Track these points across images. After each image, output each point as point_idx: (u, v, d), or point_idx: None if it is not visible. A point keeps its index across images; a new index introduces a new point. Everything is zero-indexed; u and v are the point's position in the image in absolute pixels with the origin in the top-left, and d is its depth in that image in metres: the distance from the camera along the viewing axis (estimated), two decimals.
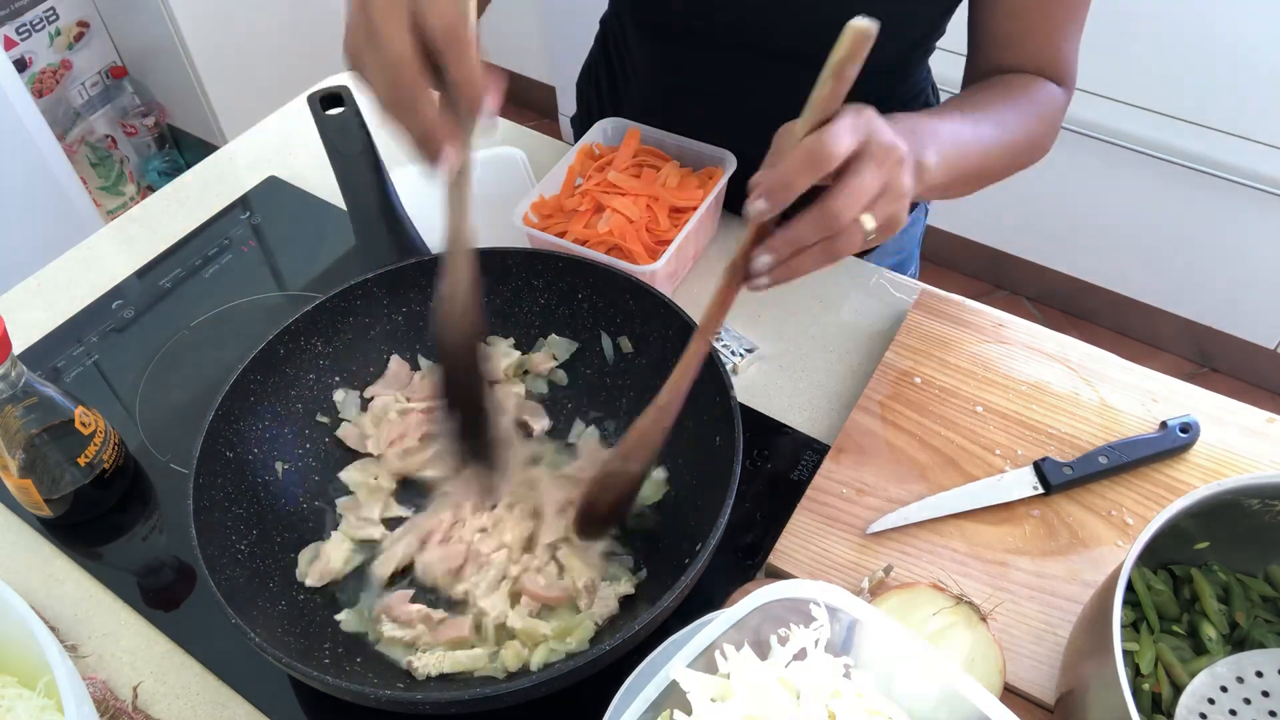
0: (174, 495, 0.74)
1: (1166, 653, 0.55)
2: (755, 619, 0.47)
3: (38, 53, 2.14)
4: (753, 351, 0.81)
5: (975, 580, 0.65)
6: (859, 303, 0.85)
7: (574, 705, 0.59)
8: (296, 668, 0.53)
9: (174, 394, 0.81)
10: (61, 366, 0.83)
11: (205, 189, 0.99)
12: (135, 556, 0.71)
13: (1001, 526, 0.67)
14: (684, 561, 0.56)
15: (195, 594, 0.68)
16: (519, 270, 0.74)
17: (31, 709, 0.53)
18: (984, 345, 0.78)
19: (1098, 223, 1.90)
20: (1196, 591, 0.57)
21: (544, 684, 0.52)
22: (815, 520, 0.68)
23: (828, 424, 0.76)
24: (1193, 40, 1.58)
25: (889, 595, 0.60)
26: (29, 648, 0.52)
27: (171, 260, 0.92)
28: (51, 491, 0.69)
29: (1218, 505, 0.54)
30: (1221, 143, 1.65)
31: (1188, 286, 1.89)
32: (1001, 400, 0.75)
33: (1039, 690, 0.60)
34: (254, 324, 0.86)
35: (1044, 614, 0.63)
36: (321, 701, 0.62)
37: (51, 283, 0.91)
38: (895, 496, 0.69)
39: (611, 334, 0.74)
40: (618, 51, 0.97)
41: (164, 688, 0.64)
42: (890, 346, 0.79)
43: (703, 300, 0.85)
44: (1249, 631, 0.56)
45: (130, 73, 2.35)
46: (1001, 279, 2.15)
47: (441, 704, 0.53)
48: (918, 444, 0.72)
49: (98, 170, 2.36)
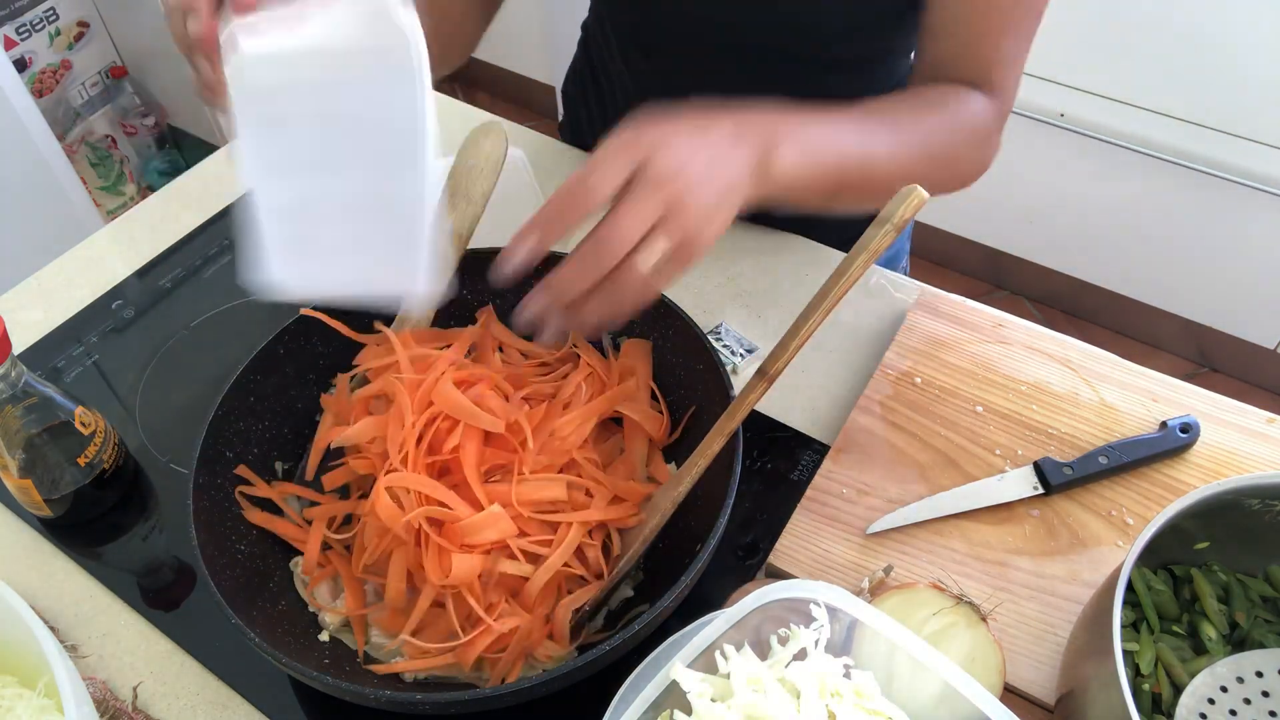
0: (174, 495, 0.74)
1: (1166, 653, 0.55)
2: (755, 619, 0.47)
3: (38, 53, 2.14)
4: (753, 351, 0.81)
5: (975, 580, 0.65)
6: (859, 303, 0.85)
7: (574, 705, 0.59)
8: (296, 668, 0.53)
9: (174, 394, 0.81)
10: (61, 366, 0.83)
11: (205, 189, 0.99)
12: (135, 556, 0.71)
13: (1001, 526, 0.67)
14: (684, 561, 0.56)
15: (195, 594, 0.68)
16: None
17: (31, 709, 0.53)
18: (984, 345, 0.78)
19: (1098, 223, 1.90)
20: (1196, 591, 0.57)
21: (544, 684, 0.52)
22: (815, 520, 0.68)
23: (828, 424, 0.76)
24: (1192, 40, 1.58)
25: (889, 595, 0.60)
26: (29, 648, 0.52)
27: (171, 260, 0.92)
28: (51, 491, 0.69)
29: (1218, 505, 0.54)
30: (1221, 142, 1.65)
31: (1188, 286, 1.89)
32: (1001, 400, 0.75)
33: (1039, 690, 0.60)
34: (254, 324, 0.86)
35: (1044, 614, 0.63)
36: (321, 701, 0.62)
37: (51, 283, 0.91)
38: (895, 496, 0.69)
39: (611, 333, 0.73)
40: (600, 59, 0.97)
41: (164, 688, 0.64)
42: (890, 346, 0.79)
43: (703, 301, 0.86)
44: (1249, 631, 0.56)
45: (130, 73, 2.35)
46: (1001, 279, 2.15)
47: (441, 704, 0.53)
48: (918, 444, 0.72)
49: (98, 170, 2.36)
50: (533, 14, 2.35)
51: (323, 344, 0.72)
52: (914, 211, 0.51)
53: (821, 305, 0.55)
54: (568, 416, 0.64)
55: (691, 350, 0.68)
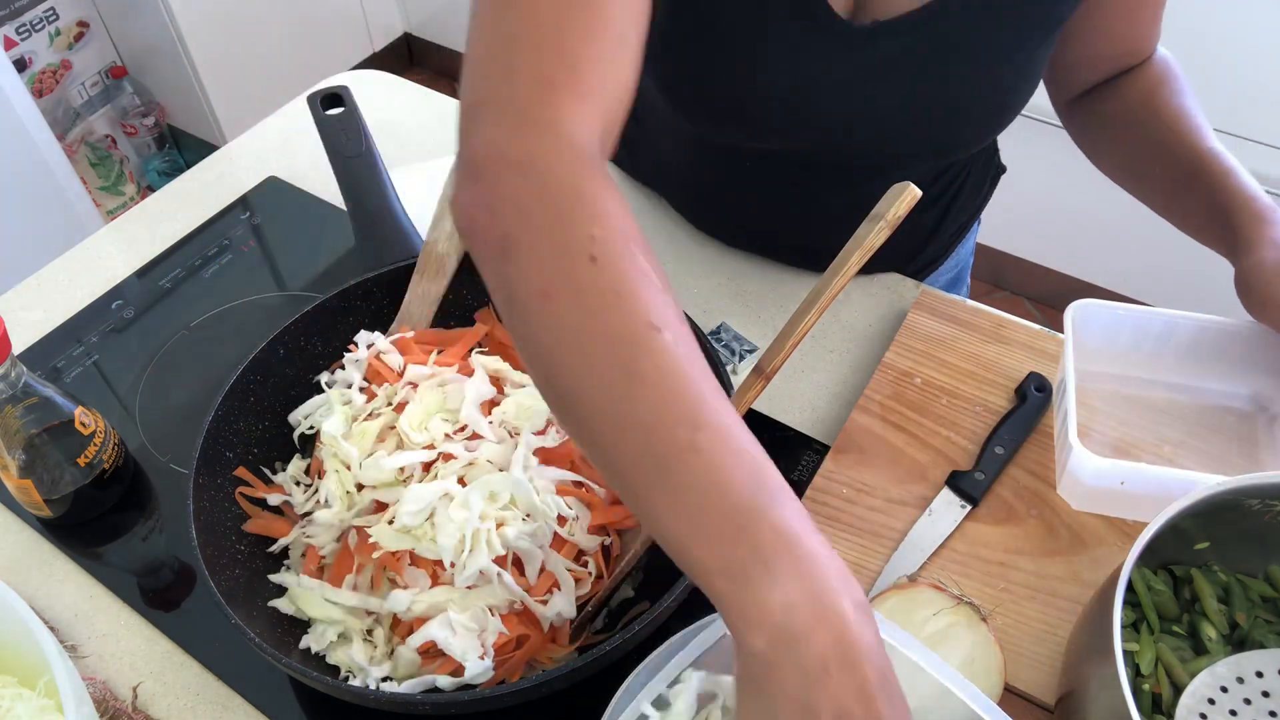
0: (174, 495, 0.74)
1: (1166, 653, 0.55)
2: None
3: (38, 53, 2.14)
4: (753, 352, 0.81)
5: (975, 580, 0.65)
6: (859, 303, 0.85)
7: (574, 705, 0.59)
8: (296, 668, 0.53)
9: (174, 394, 0.81)
10: (61, 366, 0.83)
11: (205, 189, 0.99)
12: (135, 556, 0.71)
13: (1002, 526, 0.67)
14: None
15: (195, 594, 0.68)
16: None
17: (31, 709, 0.53)
18: (984, 345, 0.78)
19: (1098, 223, 1.89)
20: (1196, 591, 0.57)
21: (544, 684, 0.52)
22: (815, 520, 0.68)
23: (828, 424, 0.76)
24: (1192, 40, 1.58)
25: (889, 595, 0.60)
26: (29, 648, 0.52)
27: (171, 260, 0.92)
28: (51, 492, 0.69)
29: (1218, 505, 0.54)
30: (1221, 142, 1.65)
31: (1188, 286, 1.89)
32: (1001, 400, 0.75)
33: (1039, 690, 0.60)
34: (254, 324, 0.86)
35: (1044, 614, 0.63)
36: (322, 701, 0.62)
37: (51, 283, 0.91)
38: (895, 496, 0.69)
39: None
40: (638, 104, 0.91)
41: (164, 688, 0.64)
42: (890, 346, 0.78)
43: (703, 301, 0.85)
44: (1249, 632, 0.56)
45: (130, 73, 2.35)
46: (1001, 279, 2.15)
47: (441, 704, 0.53)
48: (918, 444, 0.72)
49: (98, 170, 2.35)
50: None
51: (323, 344, 0.72)
52: (907, 209, 0.50)
53: (817, 302, 0.55)
54: None
55: None
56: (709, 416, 0.39)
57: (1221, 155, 0.70)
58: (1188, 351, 0.71)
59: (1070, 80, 0.79)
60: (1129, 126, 0.75)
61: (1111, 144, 0.77)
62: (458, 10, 2.59)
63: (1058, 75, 0.79)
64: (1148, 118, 0.74)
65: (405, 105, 1.08)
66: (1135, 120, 0.74)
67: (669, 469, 0.38)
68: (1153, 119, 0.73)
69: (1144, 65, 0.76)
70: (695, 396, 0.39)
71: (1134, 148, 0.75)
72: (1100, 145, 0.79)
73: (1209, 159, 0.70)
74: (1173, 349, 0.71)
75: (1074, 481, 0.65)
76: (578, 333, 0.41)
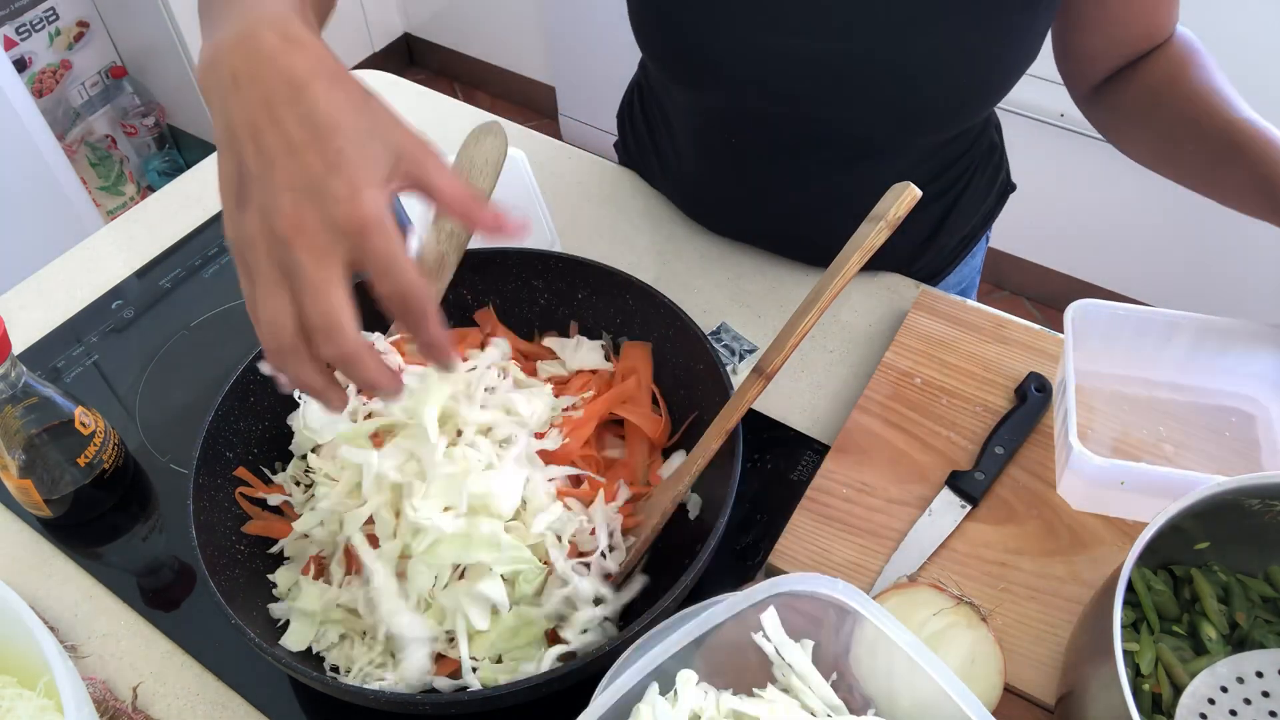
0: (174, 495, 0.74)
1: (1166, 653, 0.55)
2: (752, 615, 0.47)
3: (38, 53, 2.14)
4: (753, 352, 0.81)
5: (975, 580, 0.65)
6: (859, 303, 0.85)
7: (574, 706, 0.59)
8: (296, 668, 0.53)
9: (174, 394, 0.81)
10: (61, 366, 0.83)
11: (205, 189, 0.99)
12: (135, 556, 0.71)
13: (1002, 526, 0.67)
14: (684, 562, 0.56)
15: (195, 594, 0.68)
16: (519, 270, 0.74)
17: (31, 709, 0.53)
18: (984, 345, 0.78)
19: (1098, 223, 1.90)
20: (1196, 591, 0.57)
21: (543, 684, 0.52)
22: (815, 520, 0.68)
23: (828, 424, 0.76)
24: None
25: (889, 595, 0.60)
26: (29, 648, 0.52)
27: (171, 260, 0.92)
28: (51, 492, 0.69)
29: (1218, 505, 0.54)
30: None
31: (1188, 286, 1.89)
32: (1001, 400, 0.75)
33: (1039, 690, 0.60)
34: None
35: (1044, 614, 0.63)
36: (322, 702, 0.62)
37: (51, 283, 0.91)
38: (895, 496, 0.69)
39: (612, 334, 0.73)
40: (656, 99, 0.93)
41: (164, 688, 0.64)
42: (890, 346, 0.79)
43: (703, 301, 0.86)
44: (1249, 632, 0.56)
45: (130, 73, 2.35)
46: (1001, 279, 2.15)
47: (441, 704, 0.53)
48: (918, 444, 0.72)
49: (98, 170, 2.36)
50: (533, 14, 2.35)
51: None
52: (906, 209, 0.51)
53: (817, 302, 0.55)
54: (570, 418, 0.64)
55: (692, 350, 0.68)
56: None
57: (1257, 123, 0.68)
58: (1188, 352, 0.71)
59: (1090, 70, 0.78)
60: (1157, 109, 0.74)
61: (1141, 129, 0.76)
62: (458, 10, 2.59)
63: (1076, 66, 0.78)
64: (1175, 98, 0.72)
65: (405, 105, 1.08)
66: (1162, 102, 0.73)
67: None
68: (1182, 98, 0.72)
69: (1165, 45, 0.75)
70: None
71: (1164, 129, 0.73)
72: (1129, 131, 0.77)
73: (1245, 129, 0.68)
74: (1173, 349, 0.71)
75: (1074, 481, 0.65)
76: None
